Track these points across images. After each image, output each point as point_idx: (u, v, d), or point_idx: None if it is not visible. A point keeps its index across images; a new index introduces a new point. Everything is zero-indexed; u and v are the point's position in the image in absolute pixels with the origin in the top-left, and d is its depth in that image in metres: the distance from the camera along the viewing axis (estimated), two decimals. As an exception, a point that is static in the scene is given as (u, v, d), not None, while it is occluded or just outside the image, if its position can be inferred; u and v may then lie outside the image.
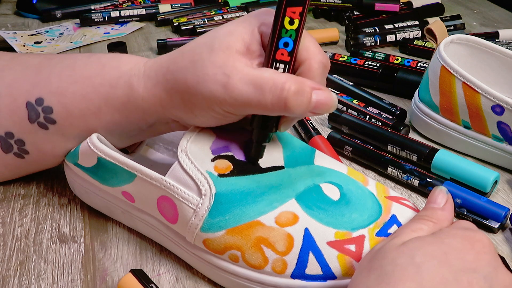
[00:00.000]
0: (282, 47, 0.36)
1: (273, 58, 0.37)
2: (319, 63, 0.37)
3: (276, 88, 0.35)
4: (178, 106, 0.39)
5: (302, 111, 0.36)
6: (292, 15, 0.36)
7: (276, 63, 0.37)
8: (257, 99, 0.36)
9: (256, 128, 0.39)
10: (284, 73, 0.37)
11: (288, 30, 0.36)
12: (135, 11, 0.93)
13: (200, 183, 0.38)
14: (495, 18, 0.93)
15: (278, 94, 0.35)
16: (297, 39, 0.36)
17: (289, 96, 0.35)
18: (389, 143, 0.54)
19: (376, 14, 0.87)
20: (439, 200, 0.37)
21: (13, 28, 0.92)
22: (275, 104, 0.35)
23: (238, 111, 0.37)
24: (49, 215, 0.48)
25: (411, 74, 0.66)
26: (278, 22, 0.36)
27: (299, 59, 0.38)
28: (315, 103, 0.36)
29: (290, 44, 0.36)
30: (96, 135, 0.43)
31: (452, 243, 0.32)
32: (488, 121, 0.52)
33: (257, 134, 0.39)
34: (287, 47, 0.36)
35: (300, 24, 0.36)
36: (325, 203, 0.38)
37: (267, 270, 0.37)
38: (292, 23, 0.36)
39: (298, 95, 0.35)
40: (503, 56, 0.56)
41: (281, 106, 0.35)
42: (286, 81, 0.35)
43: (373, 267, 0.31)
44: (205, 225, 0.38)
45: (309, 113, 0.37)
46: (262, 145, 0.39)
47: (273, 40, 0.37)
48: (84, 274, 0.42)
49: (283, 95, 0.35)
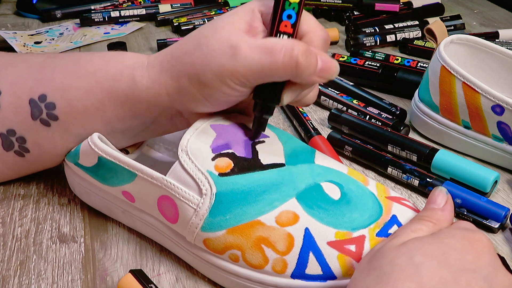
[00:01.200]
0: (286, 19, 0.38)
1: (277, 30, 0.38)
2: (319, 36, 0.39)
3: (287, 48, 0.37)
4: (186, 91, 0.40)
5: (311, 73, 0.37)
6: None
7: (280, 35, 0.38)
8: (269, 61, 0.37)
9: (259, 100, 0.40)
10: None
11: (291, 2, 0.38)
12: (135, 11, 0.93)
13: (200, 182, 0.38)
14: (495, 18, 0.93)
15: (289, 54, 0.36)
16: (299, 11, 0.38)
17: (299, 55, 0.36)
18: (389, 143, 0.54)
19: (376, 14, 0.87)
20: (439, 200, 0.37)
21: (13, 28, 0.92)
22: (286, 63, 0.37)
23: (250, 80, 0.38)
24: (49, 215, 0.48)
25: (411, 74, 0.66)
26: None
27: (300, 33, 0.39)
28: (321, 66, 0.38)
29: (293, 16, 0.38)
30: (97, 134, 0.43)
31: (452, 243, 0.32)
32: (488, 121, 0.52)
33: (261, 106, 0.40)
34: (290, 19, 0.38)
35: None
36: (326, 202, 0.38)
37: (267, 270, 0.37)
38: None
39: (307, 56, 0.37)
40: (503, 56, 0.56)
41: (292, 66, 0.37)
42: (293, 43, 0.37)
43: (372, 267, 0.31)
44: (205, 225, 0.38)
45: (316, 78, 0.38)
46: (265, 117, 0.40)
47: (276, 12, 0.38)
48: (84, 274, 0.42)
49: (294, 54, 0.36)
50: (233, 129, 0.41)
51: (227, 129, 0.41)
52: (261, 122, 0.41)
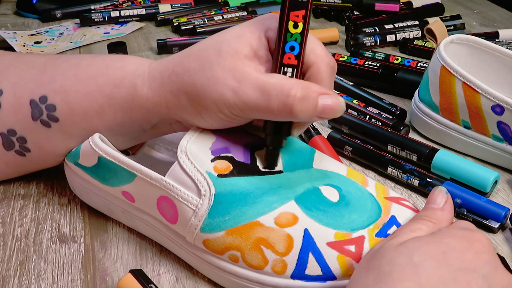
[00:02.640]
0: (289, 51, 0.37)
1: (280, 63, 0.37)
2: (327, 66, 0.38)
3: (283, 94, 0.35)
4: (185, 107, 0.39)
5: (308, 117, 0.36)
6: (296, 18, 0.36)
7: (284, 68, 0.37)
8: (264, 104, 0.36)
9: (270, 133, 0.39)
10: (291, 78, 0.37)
11: (293, 34, 0.36)
12: (135, 11, 0.93)
13: (199, 183, 0.38)
14: (495, 18, 0.93)
15: (284, 100, 0.35)
16: (303, 42, 0.37)
17: (294, 102, 0.35)
18: (389, 143, 0.54)
19: (376, 14, 0.87)
20: (439, 200, 0.37)
21: (13, 28, 0.92)
22: (281, 109, 0.36)
23: (246, 115, 0.38)
24: (49, 215, 0.48)
25: (411, 74, 0.66)
26: (282, 26, 0.36)
27: (307, 63, 0.38)
28: (322, 108, 0.36)
29: (296, 48, 0.37)
30: (98, 135, 0.43)
31: (451, 243, 0.32)
32: (488, 121, 0.52)
33: (271, 139, 0.39)
34: (293, 50, 0.37)
35: (304, 27, 0.36)
36: (325, 204, 0.38)
37: (267, 271, 0.37)
38: (296, 26, 0.36)
39: (304, 101, 0.35)
40: (503, 56, 0.56)
41: (287, 112, 0.36)
42: (292, 87, 0.36)
43: (371, 267, 0.31)
44: (204, 226, 0.38)
45: (316, 118, 0.37)
46: (277, 150, 0.39)
47: (279, 45, 0.37)
48: (84, 274, 0.42)
49: (289, 101, 0.35)
50: (233, 134, 0.41)
51: (227, 134, 0.41)
52: (273, 155, 0.40)
